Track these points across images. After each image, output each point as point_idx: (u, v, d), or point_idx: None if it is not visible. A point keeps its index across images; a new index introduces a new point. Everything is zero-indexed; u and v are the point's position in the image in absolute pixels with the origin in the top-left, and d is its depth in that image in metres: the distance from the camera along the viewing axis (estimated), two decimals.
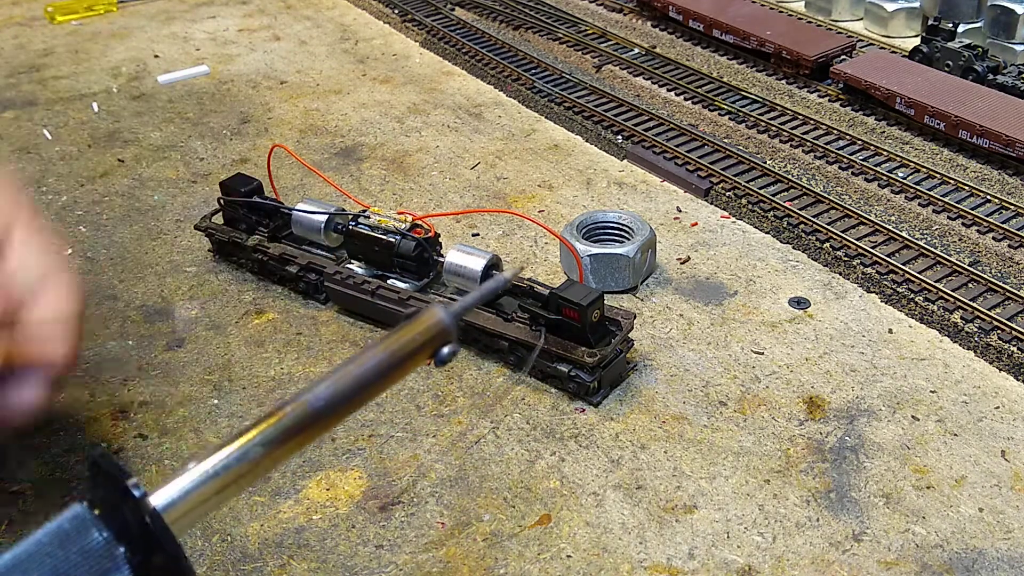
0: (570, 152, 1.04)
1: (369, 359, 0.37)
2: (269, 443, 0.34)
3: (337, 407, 0.36)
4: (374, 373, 0.37)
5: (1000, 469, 0.64)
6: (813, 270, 0.84)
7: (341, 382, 0.36)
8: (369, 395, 0.37)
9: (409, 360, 0.39)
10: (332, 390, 0.35)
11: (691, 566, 0.58)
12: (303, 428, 0.35)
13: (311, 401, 0.35)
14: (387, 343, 0.38)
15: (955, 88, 1.02)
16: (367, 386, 0.37)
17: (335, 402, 0.35)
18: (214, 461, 0.33)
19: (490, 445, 0.67)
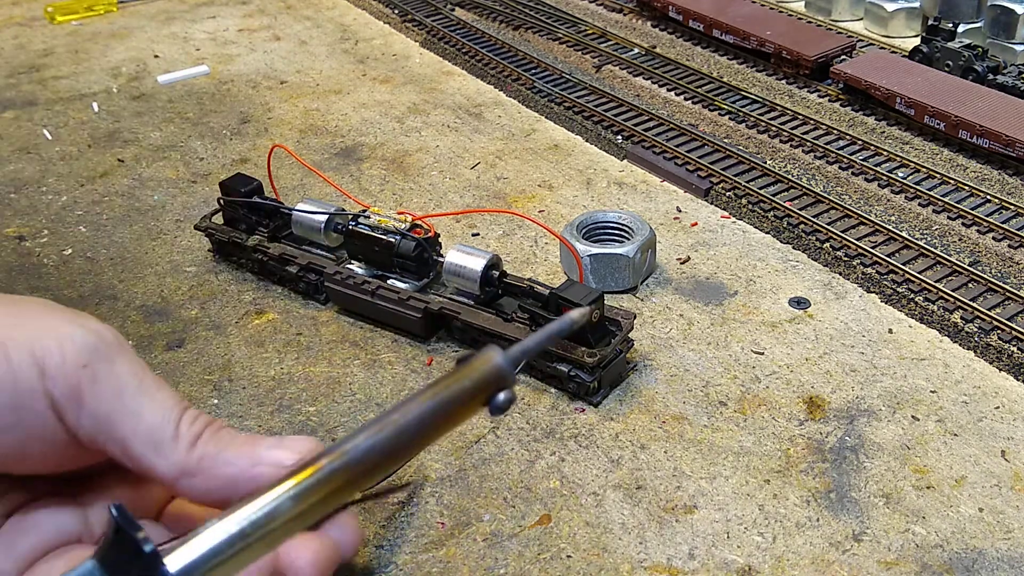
0: (570, 152, 1.04)
1: (415, 408, 0.33)
2: (301, 497, 0.30)
3: (378, 461, 0.32)
4: (421, 424, 0.33)
5: (1000, 469, 0.64)
6: (813, 270, 0.84)
7: (383, 433, 0.32)
8: (414, 448, 0.34)
9: (460, 409, 0.34)
10: (372, 442, 0.32)
11: (691, 566, 0.58)
12: (340, 482, 0.31)
13: (350, 453, 0.31)
14: (436, 389, 0.34)
15: (955, 88, 1.02)
16: (412, 438, 0.33)
17: (376, 455, 0.32)
18: (240, 517, 0.30)
19: (490, 445, 0.67)
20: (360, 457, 0.31)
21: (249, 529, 0.29)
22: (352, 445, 0.31)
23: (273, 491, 0.30)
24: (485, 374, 0.35)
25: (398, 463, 0.33)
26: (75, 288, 0.84)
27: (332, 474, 0.30)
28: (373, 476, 0.32)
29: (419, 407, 0.33)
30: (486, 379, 0.34)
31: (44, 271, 0.86)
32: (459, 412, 0.34)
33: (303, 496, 0.30)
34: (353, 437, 0.32)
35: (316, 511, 0.30)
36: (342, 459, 0.31)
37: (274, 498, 0.30)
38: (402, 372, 0.73)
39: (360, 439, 0.32)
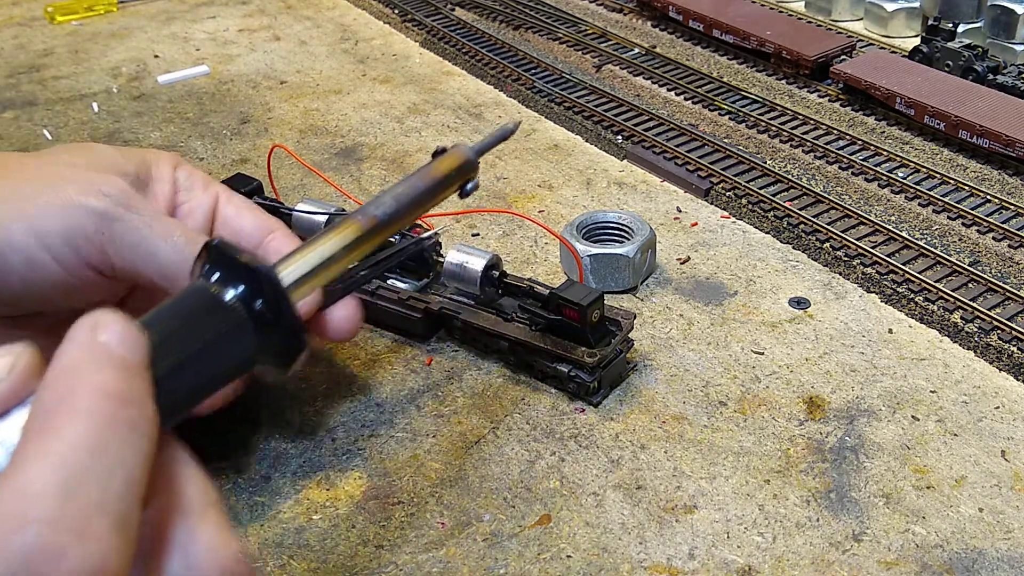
0: (570, 152, 1.04)
1: (417, 183, 0.45)
2: (349, 245, 0.40)
3: (393, 221, 0.43)
4: (419, 196, 0.44)
5: (1000, 469, 0.64)
6: (813, 270, 0.84)
7: (400, 200, 0.43)
8: (414, 215, 0.45)
9: (446, 188, 0.46)
10: (394, 206, 0.43)
11: (691, 566, 0.58)
12: (376, 234, 0.42)
13: (379, 215, 0.42)
14: (427, 172, 0.46)
15: (955, 88, 1.02)
16: (417, 205, 0.44)
17: (393, 216, 0.43)
18: (309, 256, 0.39)
19: (490, 445, 0.67)
20: (386, 218, 0.42)
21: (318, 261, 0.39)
22: (377, 207, 0.43)
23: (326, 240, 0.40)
24: (461, 164, 0.47)
25: (404, 224, 0.45)
26: None
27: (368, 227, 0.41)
28: (389, 231, 0.43)
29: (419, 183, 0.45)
30: (462, 168, 0.46)
31: None
32: (444, 191, 0.46)
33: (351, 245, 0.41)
34: (376, 201, 0.43)
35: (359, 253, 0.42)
36: (373, 220, 0.42)
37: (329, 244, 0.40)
38: (402, 372, 0.73)
39: (384, 201, 0.43)
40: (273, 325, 0.35)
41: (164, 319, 0.34)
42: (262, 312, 0.35)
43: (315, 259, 0.39)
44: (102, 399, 0.30)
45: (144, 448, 0.31)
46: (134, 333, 0.32)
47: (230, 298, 0.35)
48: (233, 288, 0.35)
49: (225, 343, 0.35)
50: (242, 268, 0.35)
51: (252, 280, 0.35)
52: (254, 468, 0.66)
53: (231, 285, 0.35)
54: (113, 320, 0.32)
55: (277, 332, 0.35)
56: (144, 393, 0.31)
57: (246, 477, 0.65)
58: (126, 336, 0.32)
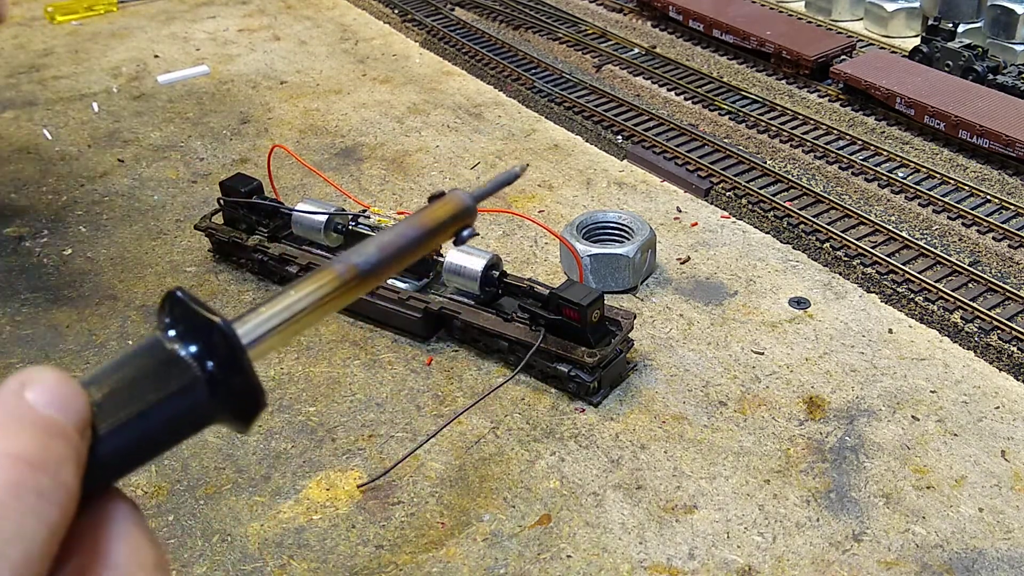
0: (570, 152, 1.04)
1: (406, 231, 0.41)
2: (323, 298, 0.38)
3: (380, 271, 0.40)
4: (407, 245, 0.41)
5: (1000, 469, 0.64)
6: (813, 270, 0.84)
7: (384, 250, 0.40)
8: (402, 263, 0.41)
9: (438, 235, 0.43)
10: (377, 256, 0.40)
11: (691, 566, 0.58)
12: (354, 286, 0.39)
13: (360, 265, 0.39)
14: (418, 219, 0.42)
15: (955, 88, 1.02)
16: (403, 255, 0.41)
17: (376, 266, 0.40)
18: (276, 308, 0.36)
19: (490, 445, 0.67)
20: (368, 268, 0.39)
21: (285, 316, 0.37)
22: (362, 258, 0.39)
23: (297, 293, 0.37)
24: (457, 212, 0.44)
25: (390, 273, 0.41)
26: (75, 288, 0.84)
27: (347, 279, 0.38)
28: (373, 283, 0.40)
29: (410, 231, 0.42)
30: (458, 215, 0.43)
31: (44, 271, 0.86)
32: (436, 239, 0.43)
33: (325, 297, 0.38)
34: (360, 251, 0.39)
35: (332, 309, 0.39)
36: (354, 270, 0.39)
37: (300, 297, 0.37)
38: (402, 372, 0.73)
39: (368, 251, 0.40)
40: (228, 386, 0.34)
41: (114, 374, 0.33)
42: (216, 372, 0.34)
43: (283, 313, 0.36)
44: (11, 464, 0.28)
45: (53, 518, 0.29)
46: (68, 392, 0.30)
47: (184, 355, 0.33)
48: (188, 344, 0.34)
49: (177, 401, 0.33)
50: (200, 322, 0.34)
51: (208, 336, 0.34)
52: (254, 468, 0.66)
53: (187, 340, 0.34)
54: (45, 377, 0.30)
55: (232, 392, 0.34)
56: (64, 458, 0.29)
57: (246, 477, 0.65)
58: (57, 395, 0.30)
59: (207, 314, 0.34)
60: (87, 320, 0.80)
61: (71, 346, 0.77)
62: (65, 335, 0.78)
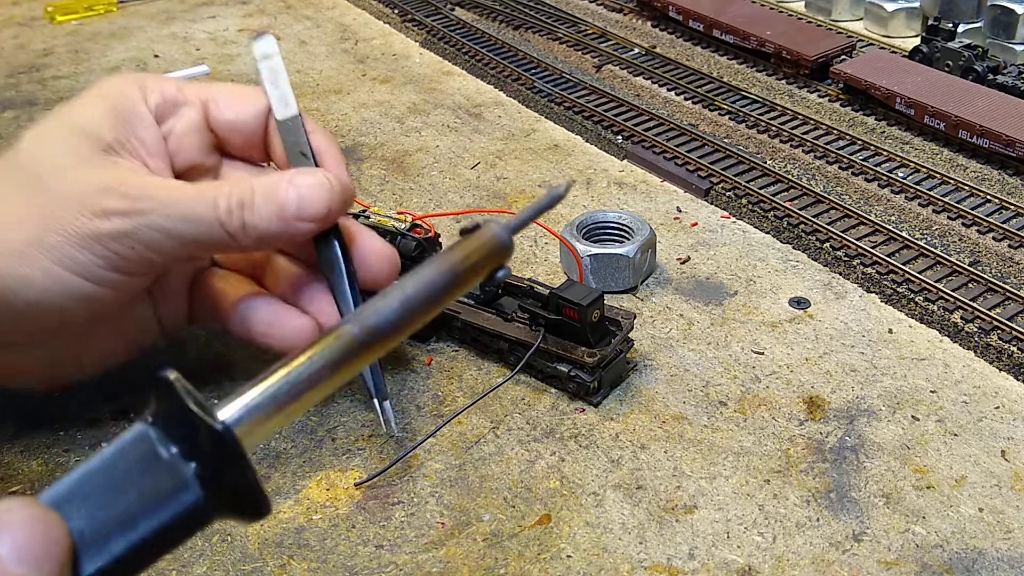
0: (570, 152, 1.04)
1: (434, 278, 0.36)
2: (334, 365, 0.33)
3: (397, 328, 0.35)
4: (432, 295, 0.36)
5: (1000, 469, 0.64)
6: (813, 270, 0.84)
7: (408, 304, 0.35)
8: (427, 316, 0.36)
9: (468, 280, 0.38)
10: (399, 313, 0.35)
11: (691, 566, 0.58)
12: (365, 349, 0.34)
13: (373, 322, 0.34)
14: (446, 261, 0.37)
15: (955, 88, 1.02)
16: (426, 309, 0.36)
17: (395, 324, 0.35)
18: (276, 379, 0.32)
19: (490, 445, 0.67)
20: (388, 328, 0.34)
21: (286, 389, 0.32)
22: (376, 314, 0.34)
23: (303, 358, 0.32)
24: (491, 251, 0.38)
25: (412, 329, 0.36)
26: None
27: (354, 342, 0.33)
28: (391, 343, 0.35)
29: (432, 277, 0.36)
30: (492, 255, 0.38)
31: None
32: (466, 285, 0.38)
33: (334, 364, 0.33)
34: (375, 305, 0.34)
35: (347, 374, 0.33)
36: (367, 329, 0.33)
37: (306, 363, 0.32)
38: (402, 372, 0.73)
39: (391, 306, 0.34)
40: (221, 486, 0.31)
41: (95, 481, 0.30)
42: (208, 474, 0.30)
43: (287, 389, 0.32)
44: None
45: None
46: (41, 538, 0.27)
47: (169, 455, 0.30)
48: (174, 442, 0.30)
49: (169, 510, 0.30)
50: (189, 417, 0.30)
51: (196, 434, 0.30)
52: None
53: (174, 437, 0.30)
54: (13, 521, 0.26)
55: (228, 492, 0.31)
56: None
57: None
58: (28, 545, 0.26)
59: (195, 409, 0.30)
60: None
61: None
62: None
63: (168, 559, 0.59)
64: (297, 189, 0.52)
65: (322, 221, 0.53)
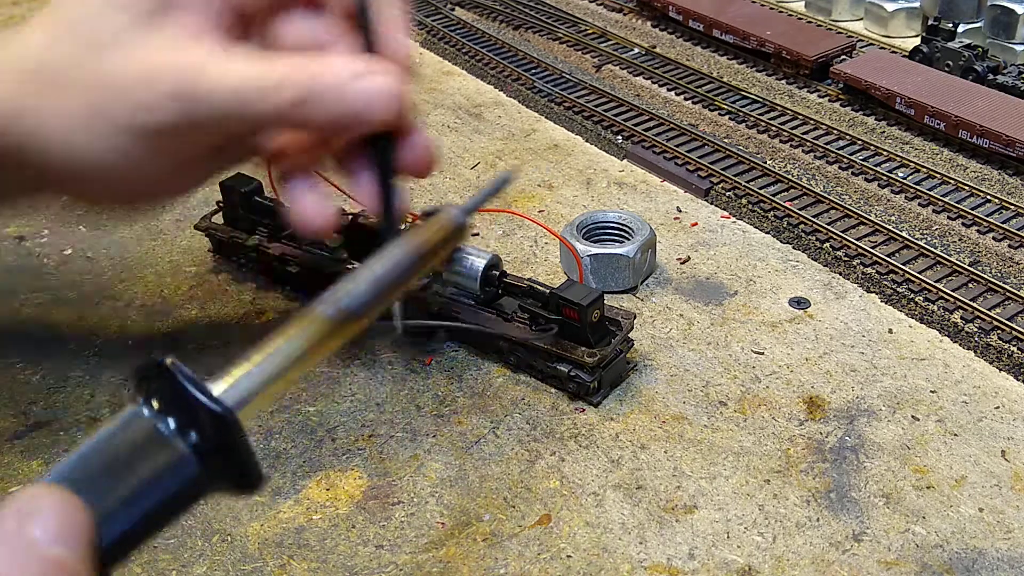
0: (570, 152, 1.04)
1: (399, 260, 0.39)
2: (313, 345, 0.35)
3: (367, 308, 0.37)
4: (400, 275, 0.39)
5: (1000, 469, 0.64)
6: (813, 270, 0.84)
7: (378, 284, 0.38)
8: (395, 295, 0.39)
9: (431, 259, 0.40)
10: (369, 293, 0.37)
11: (691, 566, 0.58)
12: (340, 329, 0.36)
13: (353, 307, 0.37)
14: (410, 243, 0.40)
15: (955, 88, 1.02)
16: (392, 287, 0.38)
17: (367, 304, 0.37)
18: (264, 360, 0.35)
19: (490, 445, 0.67)
20: (360, 308, 0.37)
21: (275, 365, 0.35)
22: (348, 296, 0.37)
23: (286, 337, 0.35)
24: (450, 231, 0.41)
25: (382, 307, 0.39)
26: (75, 288, 0.84)
27: (330, 323, 0.36)
28: (364, 321, 0.37)
29: (399, 259, 0.39)
30: (450, 235, 0.41)
31: (44, 271, 0.86)
32: (429, 263, 0.41)
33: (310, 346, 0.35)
34: (347, 288, 0.37)
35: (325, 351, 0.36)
36: (344, 313, 0.36)
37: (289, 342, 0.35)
38: (402, 372, 0.73)
39: (360, 288, 0.37)
40: (221, 460, 0.33)
41: (99, 461, 0.32)
42: (205, 448, 0.32)
43: (272, 369, 0.34)
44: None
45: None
46: (71, 520, 0.28)
47: (168, 432, 0.32)
48: (171, 420, 0.32)
49: (168, 478, 0.32)
50: (187, 398, 0.32)
51: (194, 413, 0.32)
52: None
53: (170, 416, 0.32)
54: (44, 506, 0.28)
55: (227, 466, 0.33)
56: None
57: None
58: (61, 526, 0.28)
59: (202, 396, 0.32)
60: (87, 320, 0.80)
61: (71, 346, 0.77)
62: (65, 335, 0.78)
63: (168, 559, 0.59)
64: (366, 92, 0.49)
65: (383, 127, 0.51)
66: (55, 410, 0.70)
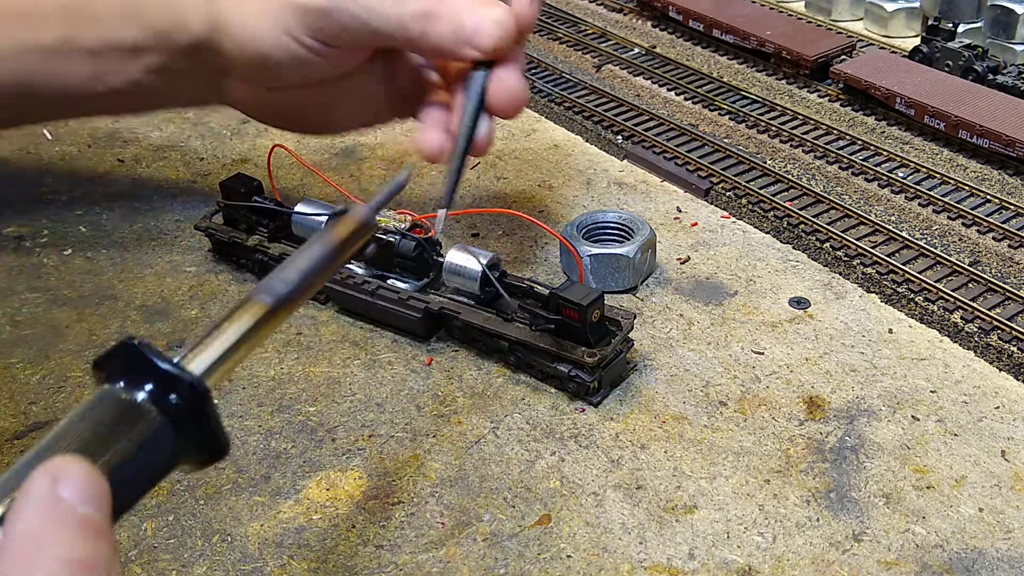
0: (570, 152, 1.04)
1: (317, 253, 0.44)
2: (257, 326, 0.40)
3: (299, 295, 0.42)
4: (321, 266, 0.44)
5: (1000, 469, 0.64)
6: (813, 270, 0.84)
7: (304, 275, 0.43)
8: (320, 283, 0.45)
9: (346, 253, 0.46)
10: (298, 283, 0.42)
11: (691, 566, 0.58)
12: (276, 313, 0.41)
13: (285, 294, 0.42)
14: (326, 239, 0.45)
15: (955, 88, 1.02)
16: (317, 278, 0.44)
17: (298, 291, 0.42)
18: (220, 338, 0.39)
19: (490, 445, 0.67)
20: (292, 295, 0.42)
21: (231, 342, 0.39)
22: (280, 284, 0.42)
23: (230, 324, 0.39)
24: (359, 227, 0.46)
25: (311, 294, 0.44)
26: (75, 288, 0.84)
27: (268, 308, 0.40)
28: (296, 306, 0.43)
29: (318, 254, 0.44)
30: (359, 231, 0.46)
31: (44, 271, 0.86)
32: (345, 256, 0.46)
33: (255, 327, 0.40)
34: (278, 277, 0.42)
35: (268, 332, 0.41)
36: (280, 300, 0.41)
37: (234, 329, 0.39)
38: (402, 372, 0.73)
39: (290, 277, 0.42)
40: (192, 427, 0.36)
41: (75, 432, 0.34)
42: (182, 415, 0.35)
43: (225, 348, 0.39)
44: (71, 571, 0.29)
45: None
46: (96, 484, 0.31)
47: (146, 406, 0.35)
48: (145, 392, 0.35)
49: (148, 449, 0.35)
50: (155, 369, 0.35)
51: (165, 383, 0.35)
52: (254, 468, 0.66)
53: (143, 389, 0.35)
54: (75, 471, 0.31)
55: (198, 433, 0.36)
56: (110, 557, 0.31)
57: (246, 477, 0.65)
58: (88, 490, 0.31)
59: (173, 368, 0.35)
60: (87, 320, 0.80)
61: (71, 346, 0.77)
62: (65, 335, 0.78)
63: (168, 559, 0.59)
64: (479, 19, 0.59)
65: (488, 53, 0.60)
66: (55, 410, 0.70)
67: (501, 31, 0.60)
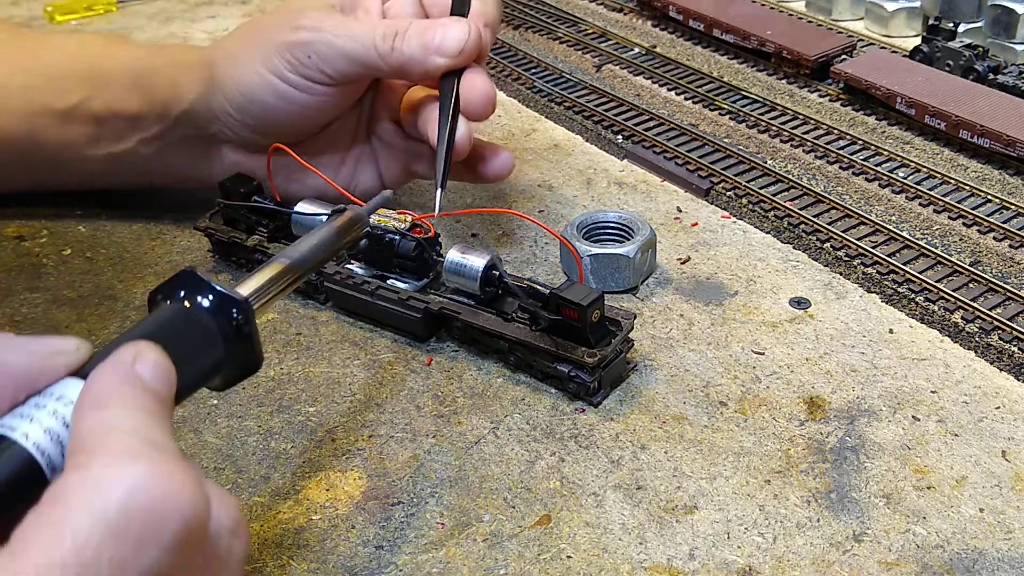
0: (570, 152, 1.04)
1: (324, 234, 0.55)
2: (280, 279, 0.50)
3: (310, 264, 0.52)
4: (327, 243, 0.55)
5: (1001, 469, 0.64)
6: (813, 270, 0.84)
7: (314, 251, 0.53)
8: (324, 260, 0.55)
9: (347, 236, 0.57)
10: (312, 255, 0.53)
11: (691, 566, 0.58)
12: (293, 274, 0.51)
13: (297, 259, 0.51)
14: (330, 225, 0.56)
15: (956, 88, 1.02)
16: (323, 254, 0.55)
17: (309, 260, 0.52)
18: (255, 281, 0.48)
19: (490, 445, 0.67)
20: (306, 264, 0.52)
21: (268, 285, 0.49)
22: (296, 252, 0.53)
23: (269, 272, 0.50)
24: (354, 221, 0.58)
25: (317, 266, 0.55)
26: (75, 288, 0.84)
27: (287, 269, 0.51)
28: (307, 273, 0.52)
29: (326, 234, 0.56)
30: (354, 224, 0.58)
31: (44, 271, 0.86)
32: (342, 243, 0.57)
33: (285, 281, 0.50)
34: (287, 249, 0.53)
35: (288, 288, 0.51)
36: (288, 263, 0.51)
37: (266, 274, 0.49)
38: (402, 372, 0.73)
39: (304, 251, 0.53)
40: (242, 339, 0.44)
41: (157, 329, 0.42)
42: (235, 327, 0.44)
43: (257, 283, 0.48)
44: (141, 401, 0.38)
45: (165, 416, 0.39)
46: (167, 368, 0.39)
47: (204, 315, 0.43)
48: (205, 307, 0.43)
49: (208, 351, 0.43)
50: (213, 291, 0.43)
51: (220, 302, 0.43)
52: (253, 468, 0.66)
53: (202, 304, 0.43)
54: (151, 355, 0.39)
55: (243, 344, 0.44)
56: (165, 417, 0.38)
57: (246, 477, 0.65)
58: (160, 371, 0.39)
59: (227, 289, 0.44)
60: (87, 320, 0.80)
61: None
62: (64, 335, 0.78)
63: None
64: (443, 30, 0.69)
65: (454, 59, 0.70)
66: None
67: (465, 36, 0.69)
